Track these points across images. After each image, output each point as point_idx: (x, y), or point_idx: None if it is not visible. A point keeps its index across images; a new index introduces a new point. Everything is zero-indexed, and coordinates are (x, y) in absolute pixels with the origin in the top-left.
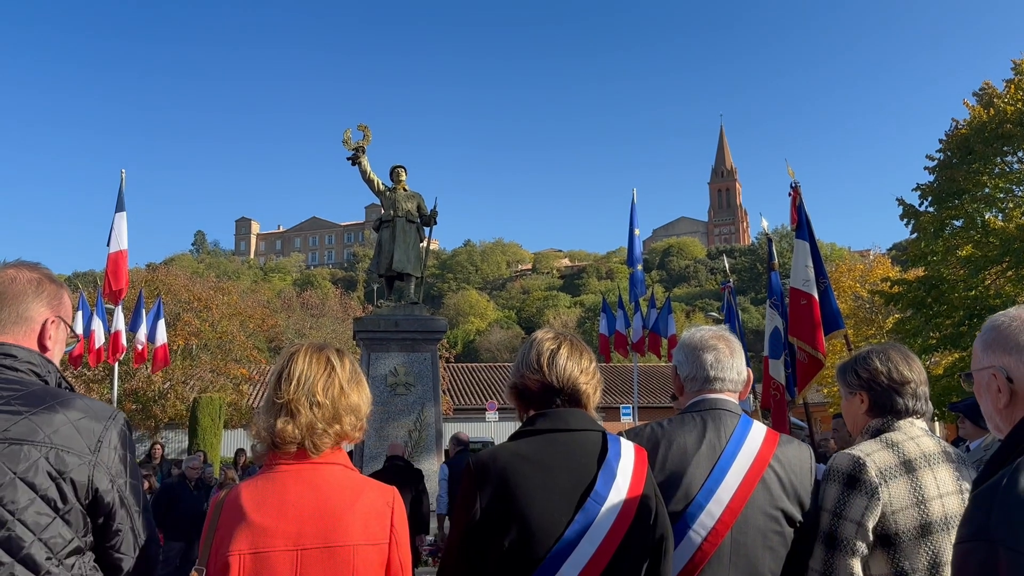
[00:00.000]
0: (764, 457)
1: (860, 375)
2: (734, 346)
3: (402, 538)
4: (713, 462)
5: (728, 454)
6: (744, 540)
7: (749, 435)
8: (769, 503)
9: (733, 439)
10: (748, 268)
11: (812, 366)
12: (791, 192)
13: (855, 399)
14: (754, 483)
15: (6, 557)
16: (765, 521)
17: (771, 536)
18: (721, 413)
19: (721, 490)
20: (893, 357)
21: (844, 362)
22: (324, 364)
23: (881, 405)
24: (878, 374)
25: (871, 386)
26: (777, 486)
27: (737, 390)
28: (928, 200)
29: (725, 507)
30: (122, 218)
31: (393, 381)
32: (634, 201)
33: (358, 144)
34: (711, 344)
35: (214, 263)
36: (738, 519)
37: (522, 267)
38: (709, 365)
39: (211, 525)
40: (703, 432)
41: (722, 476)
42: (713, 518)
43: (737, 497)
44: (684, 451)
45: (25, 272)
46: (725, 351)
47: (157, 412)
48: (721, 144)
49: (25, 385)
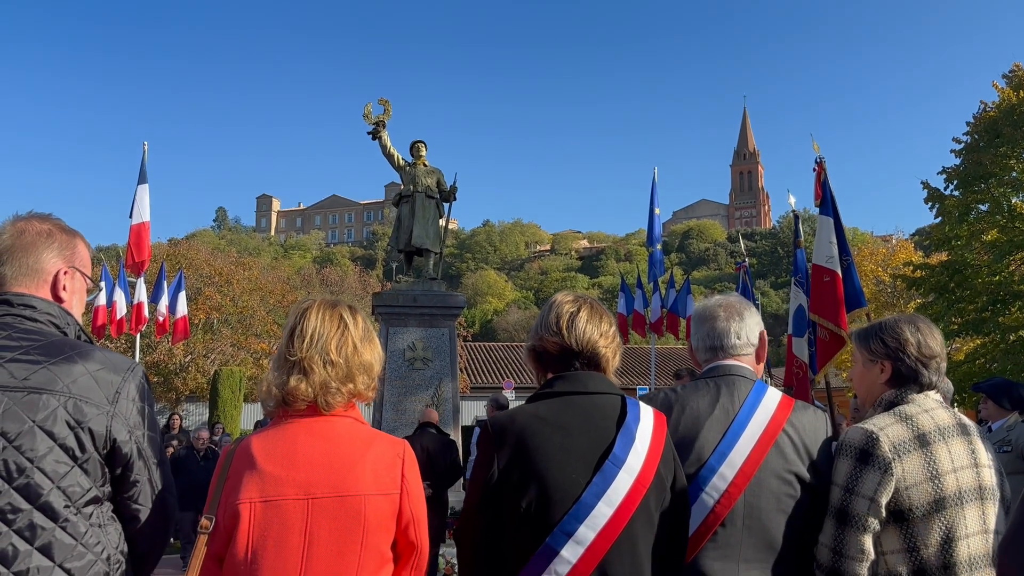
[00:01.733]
0: (778, 421)
1: (887, 343)
2: (735, 310)
3: (414, 490)
4: (726, 426)
5: (741, 418)
6: (757, 503)
7: (764, 400)
8: (783, 467)
9: (747, 403)
10: (769, 252)
11: (833, 344)
12: (816, 167)
13: (875, 367)
14: (767, 447)
15: (24, 504)
16: (778, 484)
17: (784, 500)
18: (734, 379)
19: (734, 453)
20: (923, 328)
21: (867, 327)
22: (337, 321)
23: (905, 377)
24: (907, 344)
25: (898, 356)
26: (791, 450)
27: (748, 353)
28: (954, 184)
29: (738, 470)
30: (144, 190)
31: (411, 356)
32: (655, 180)
33: (379, 118)
34: (712, 312)
35: (235, 239)
36: (751, 482)
37: (541, 248)
38: (712, 333)
39: (221, 474)
40: (716, 396)
41: (735, 440)
42: (726, 481)
43: (750, 460)
44: (697, 415)
45: (35, 224)
46: (724, 317)
47: (178, 384)
48: (744, 126)
49: (44, 336)
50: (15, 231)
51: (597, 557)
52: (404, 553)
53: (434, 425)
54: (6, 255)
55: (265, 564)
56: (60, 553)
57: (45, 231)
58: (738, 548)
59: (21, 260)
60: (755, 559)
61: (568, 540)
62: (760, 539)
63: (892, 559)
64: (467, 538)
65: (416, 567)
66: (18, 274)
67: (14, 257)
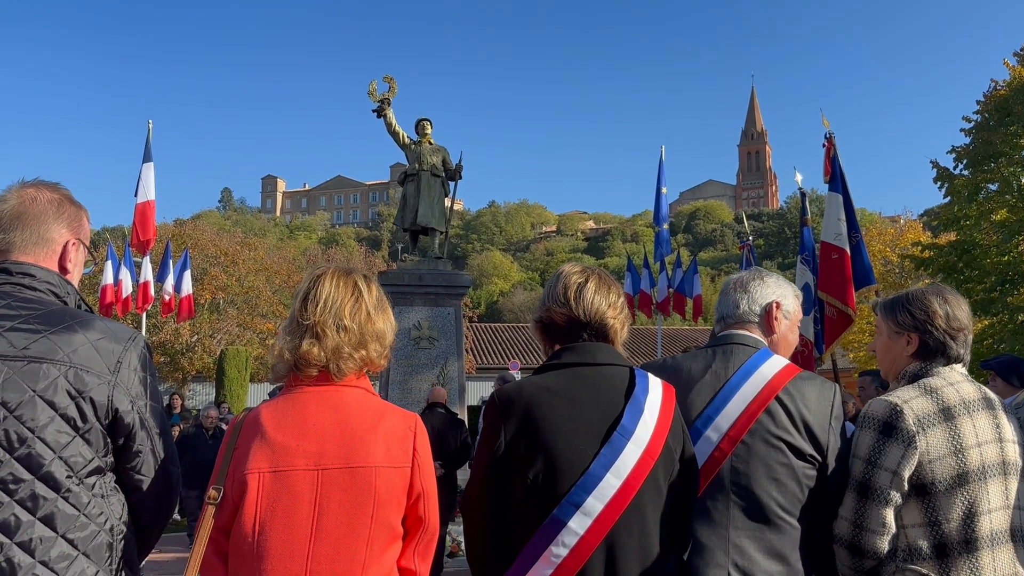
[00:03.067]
0: (773, 387)
1: (915, 315)
2: (742, 282)
3: (425, 464)
4: (715, 390)
5: (732, 384)
6: (745, 469)
7: (762, 366)
8: (773, 434)
9: (742, 369)
10: (776, 232)
11: (841, 322)
12: (825, 143)
13: (901, 339)
14: (757, 413)
15: (26, 474)
16: (768, 451)
17: (776, 467)
18: (733, 346)
19: (720, 418)
20: (951, 300)
21: (893, 298)
22: (351, 288)
23: (932, 350)
24: (935, 316)
25: (926, 328)
26: (784, 417)
27: (752, 321)
28: (963, 163)
29: (724, 435)
30: (149, 168)
31: (417, 335)
32: (662, 159)
33: (384, 96)
34: (725, 289)
35: (241, 220)
36: (739, 448)
37: (546, 229)
38: (719, 305)
39: (229, 444)
40: (710, 362)
41: (723, 404)
42: (711, 444)
43: (737, 426)
44: (688, 379)
45: (46, 192)
46: (731, 289)
47: (185, 364)
48: (752, 106)
49: (44, 305)
50: (26, 197)
51: (605, 528)
52: (413, 528)
53: (443, 405)
54: (16, 221)
55: (274, 535)
56: (63, 524)
57: (56, 200)
58: (726, 514)
59: (32, 228)
60: (745, 527)
61: (576, 511)
62: (751, 506)
63: (913, 533)
64: (473, 510)
65: (424, 542)
66: (28, 242)
67: (25, 225)
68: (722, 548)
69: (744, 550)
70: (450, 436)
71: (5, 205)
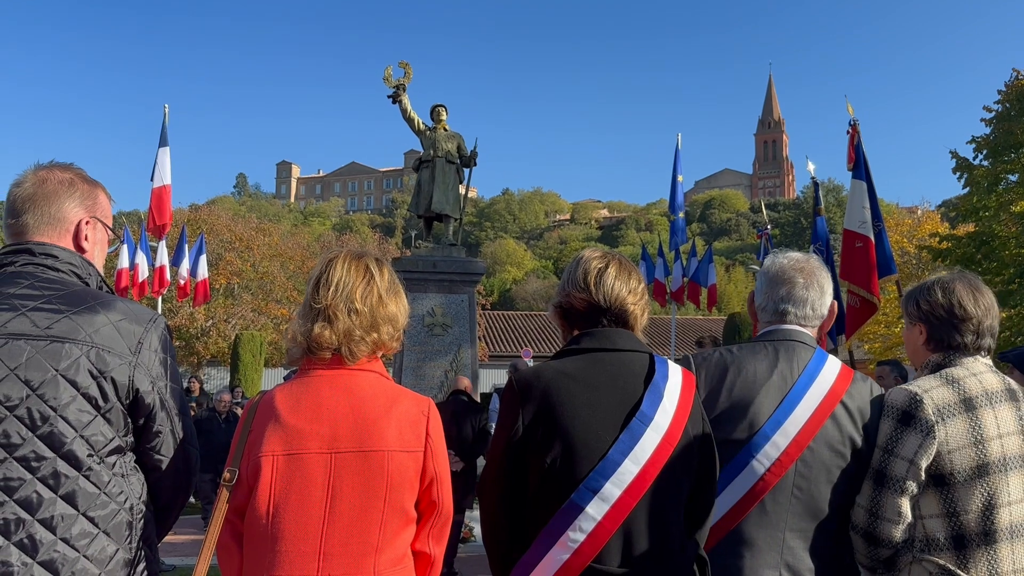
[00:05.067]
0: (837, 392)
1: (920, 306)
2: (814, 278)
3: (438, 448)
4: (783, 393)
5: (800, 387)
6: (808, 474)
7: (823, 369)
8: (837, 439)
9: (806, 372)
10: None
11: (864, 310)
12: (849, 130)
13: (915, 330)
14: (823, 418)
15: (48, 452)
16: (831, 456)
17: (834, 471)
18: (794, 345)
19: (789, 423)
20: (957, 290)
21: (911, 289)
22: (363, 272)
23: (938, 339)
24: (937, 307)
25: (929, 319)
26: (848, 422)
27: (813, 324)
28: (983, 153)
29: (792, 440)
30: (165, 153)
31: (430, 322)
32: (678, 147)
33: (399, 82)
34: (789, 276)
35: (255, 206)
36: (804, 453)
37: (560, 217)
38: (782, 298)
39: (244, 427)
40: (775, 362)
41: (791, 408)
42: (778, 449)
43: (805, 431)
44: (754, 379)
45: (56, 172)
46: (802, 283)
47: (200, 349)
48: (769, 94)
49: (66, 285)
50: (37, 179)
51: (622, 514)
52: (426, 512)
53: (466, 393)
54: (28, 204)
55: (287, 518)
56: (84, 502)
57: (67, 180)
58: (784, 517)
59: (43, 209)
60: (798, 528)
61: (593, 497)
62: (807, 508)
63: (931, 524)
64: (490, 494)
65: (438, 526)
66: (40, 223)
67: (36, 206)
68: (775, 548)
69: (795, 550)
70: (469, 425)
71: (19, 189)
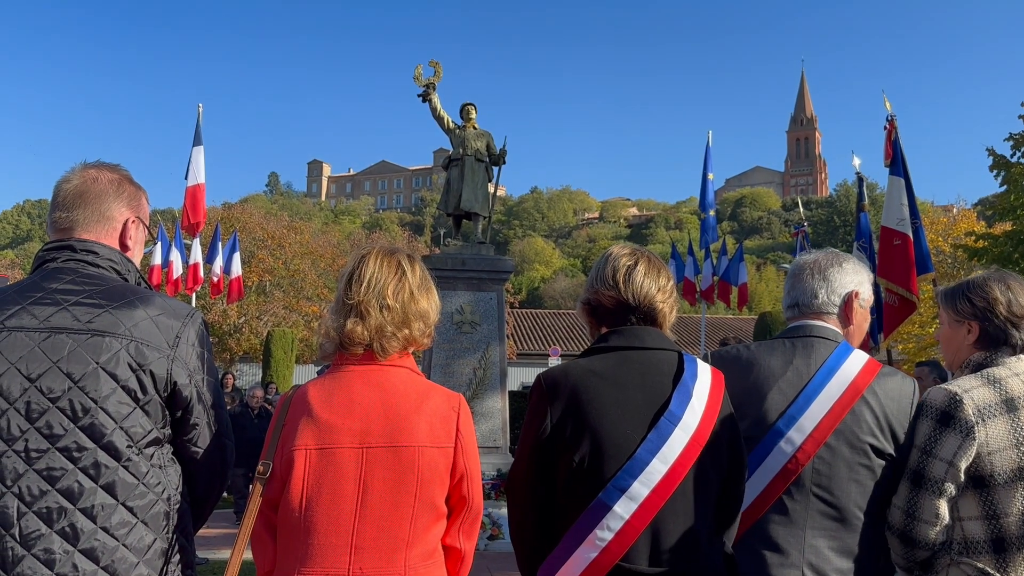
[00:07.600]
0: (858, 387)
1: (974, 303)
2: (820, 267)
3: (468, 444)
4: (799, 389)
5: (817, 382)
6: (828, 471)
7: (845, 363)
8: (858, 436)
9: (825, 367)
10: (825, 221)
11: (903, 309)
12: (887, 125)
13: (961, 328)
14: (843, 413)
15: (89, 443)
16: (852, 454)
17: (858, 469)
18: (813, 340)
19: (804, 418)
20: (1013, 286)
21: (953, 286)
22: (395, 268)
23: (993, 339)
24: (996, 304)
25: (986, 316)
26: (870, 418)
27: (831, 312)
28: (1021, 150)
29: (807, 436)
30: (199, 152)
31: (459, 319)
32: (709, 144)
33: (429, 81)
34: (798, 269)
35: (287, 204)
36: (822, 449)
37: (589, 215)
38: (794, 291)
39: (278, 421)
40: (791, 357)
41: (807, 404)
42: (794, 446)
43: (822, 427)
44: (767, 375)
45: (106, 172)
46: (807, 273)
47: (232, 345)
48: (802, 91)
49: (106, 281)
50: (88, 178)
51: (650, 514)
52: (456, 507)
53: None
54: (79, 200)
55: (319, 511)
56: (123, 492)
57: (116, 180)
58: (804, 515)
59: (94, 206)
60: (822, 527)
61: (621, 496)
62: (830, 508)
63: (970, 526)
64: (518, 492)
65: (468, 521)
66: (90, 220)
67: (87, 203)
68: (798, 548)
69: (819, 549)
70: None
71: (68, 185)
